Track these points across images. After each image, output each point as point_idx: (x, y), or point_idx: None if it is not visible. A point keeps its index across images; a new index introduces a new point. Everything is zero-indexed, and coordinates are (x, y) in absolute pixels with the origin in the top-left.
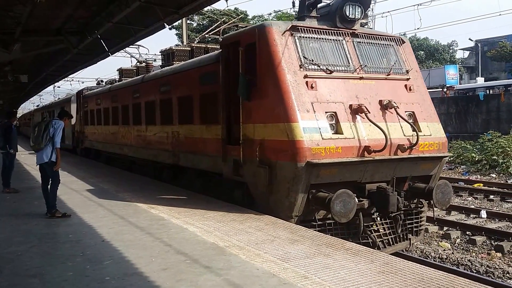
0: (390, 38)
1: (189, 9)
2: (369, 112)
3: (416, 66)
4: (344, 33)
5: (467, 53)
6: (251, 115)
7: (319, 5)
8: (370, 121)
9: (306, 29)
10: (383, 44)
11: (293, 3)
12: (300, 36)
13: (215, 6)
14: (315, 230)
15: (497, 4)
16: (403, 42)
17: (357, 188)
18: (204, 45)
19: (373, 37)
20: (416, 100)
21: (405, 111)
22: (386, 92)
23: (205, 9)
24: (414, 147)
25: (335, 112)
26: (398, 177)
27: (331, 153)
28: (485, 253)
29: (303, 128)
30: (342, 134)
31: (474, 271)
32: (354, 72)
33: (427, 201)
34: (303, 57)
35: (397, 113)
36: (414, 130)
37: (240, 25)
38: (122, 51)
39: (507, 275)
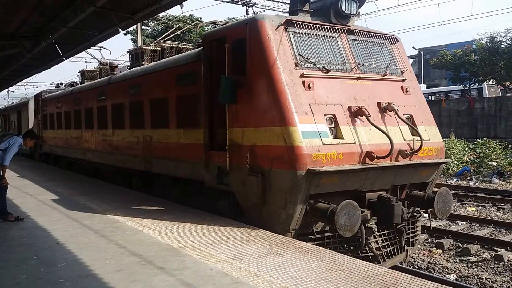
0: (384, 36)
1: (144, 15)
2: (370, 115)
3: (410, 67)
4: (340, 29)
5: (411, 61)
6: (239, 119)
7: None
8: (373, 124)
9: (301, 24)
10: (377, 42)
11: (247, 10)
12: (294, 32)
13: (170, 12)
14: (314, 244)
15: (438, 15)
16: (397, 40)
17: (356, 197)
18: (175, 45)
19: (368, 34)
20: (413, 102)
21: (404, 114)
22: (383, 93)
23: (160, 15)
24: (416, 153)
25: (334, 115)
26: (397, 184)
27: (332, 160)
28: (426, 250)
29: (302, 132)
30: (343, 139)
31: (416, 267)
32: (350, 71)
33: (423, 210)
34: (299, 54)
35: (398, 117)
36: (415, 134)
37: (219, 23)
38: (84, 52)
39: (446, 270)
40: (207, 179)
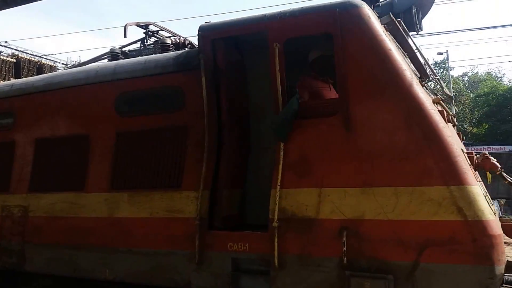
0: None
1: None
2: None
3: None
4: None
5: None
6: (312, 171)
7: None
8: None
9: (399, 31)
10: None
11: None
12: (392, 39)
13: None
14: None
15: None
16: None
17: None
18: (37, 60)
19: None
20: None
21: None
22: None
23: None
24: None
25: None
26: None
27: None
28: None
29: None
30: None
31: None
32: None
33: None
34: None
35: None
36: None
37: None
38: None
39: None
40: (200, 284)
